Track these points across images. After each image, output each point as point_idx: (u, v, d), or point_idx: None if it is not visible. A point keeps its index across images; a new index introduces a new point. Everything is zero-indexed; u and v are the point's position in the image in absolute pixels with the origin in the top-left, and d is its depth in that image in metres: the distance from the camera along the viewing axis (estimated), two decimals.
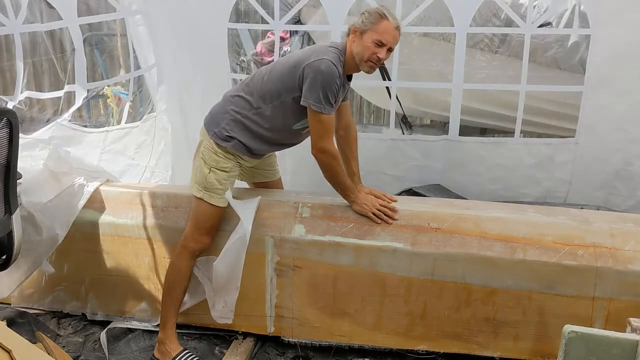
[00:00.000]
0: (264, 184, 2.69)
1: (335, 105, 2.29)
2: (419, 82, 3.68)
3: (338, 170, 2.32)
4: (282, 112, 2.29)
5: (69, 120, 3.09)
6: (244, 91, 2.35)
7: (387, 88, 3.89)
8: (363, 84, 3.95)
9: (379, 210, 2.37)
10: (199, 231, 2.37)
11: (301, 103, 2.22)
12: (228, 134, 2.33)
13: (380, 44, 2.20)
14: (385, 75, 3.76)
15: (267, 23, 3.41)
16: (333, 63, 2.19)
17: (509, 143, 3.38)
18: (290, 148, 2.58)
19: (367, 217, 2.37)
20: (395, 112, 3.70)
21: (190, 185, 2.41)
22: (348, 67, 2.29)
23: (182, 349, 2.37)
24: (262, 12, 3.39)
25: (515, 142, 3.36)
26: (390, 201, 2.44)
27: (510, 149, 3.36)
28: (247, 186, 2.73)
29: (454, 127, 3.35)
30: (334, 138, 2.45)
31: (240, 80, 2.55)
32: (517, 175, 3.39)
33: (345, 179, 2.37)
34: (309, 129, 2.29)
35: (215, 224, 2.39)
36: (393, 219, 2.36)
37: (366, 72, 2.32)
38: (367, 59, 2.23)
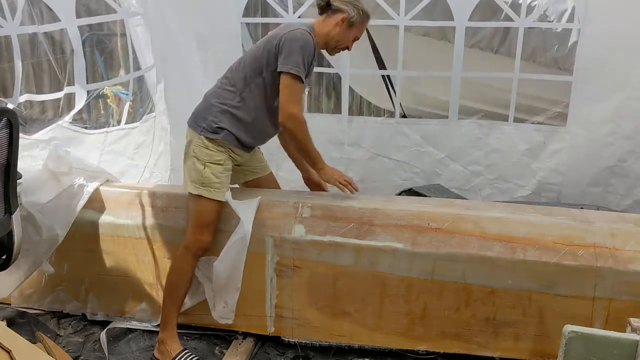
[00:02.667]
0: (257, 181, 2.70)
1: (306, 80, 2.37)
2: (419, 72, 3.75)
3: (306, 138, 2.39)
4: (263, 91, 2.36)
5: (70, 123, 3.09)
6: (224, 83, 2.42)
7: (385, 83, 3.91)
8: (360, 72, 4.00)
9: (345, 181, 2.47)
10: (199, 230, 2.36)
11: (278, 69, 2.29)
12: (217, 126, 2.36)
13: (355, 39, 2.47)
14: (380, 63, 3.81)
15: (281, 17, 3.47)
16: (308, 32, 2.33)
17: (503, 126, 3.52)
18: None
19: (334, 185, 2.47)
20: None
21: (186, 186, 2.40)
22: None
23: (182, 348, 2.37)
24: (275, 6, 3.44)
25: (508, 126, 3.50)
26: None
27: (504, 133, 3.50)
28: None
29: (454, 110, 3.47)
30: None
31: None
32: (512, 162, 3.50)
33: (313, 147, 2.44)
34: (280, 99, 2.34)
35: (214, 221, 2.38)
36: (356, 191, 2.49)
37: (330, 54, 2.55)
38: (341, 47, 2.46)
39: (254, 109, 2.38)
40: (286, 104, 2.30)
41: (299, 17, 3.53)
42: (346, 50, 2.51)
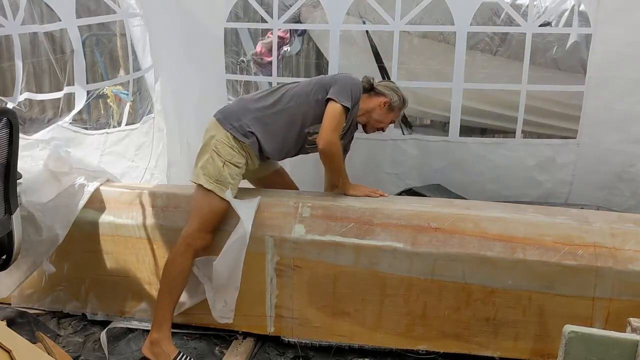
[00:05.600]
0: (271, 175, 2.76)
1: (347, 118, 2.48)
2: (419, 82, 3.68)
3: (341, 163, 2.53)
4: (303, 110, 2.47)
5: (70, 123, 3.09)
6: (266, 95, 2.53)
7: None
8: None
9: (372, 192, 2.58)
10: (205, 228, 2.37)
11: (328, 96, 2.42)
12: (249, 130, 2.43)
13: (391, 122, 2.73)
14: (385, 75, 3.77)
15: (266, 23, 3.42)
16: (359, 80, 2.56)
17: (510, 144, 3.38)
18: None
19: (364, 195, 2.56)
20: None
21: (196, 177, 2.39)
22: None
23: (178, 351, 2.34)
24: (261, 11, 3.40)
25: (516, 143, 3.36)
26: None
27: (511, 150, 3.37)
28: (248, 186, 2.74)
29: (454, 127, 3.35)
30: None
31: (236, 81, 2.66)
32: (518, 176, 3.39)
33: (344, 169, 2.57)
34: (318, 133, 2.42)
35: (220, 220, 2.39)
36: (384, 195, 2.59)
37: (365, 131, 2.71)
38: (378, 127, 2.66)
39: (287, 125, 2.48)
40: (329, 131, 2.40)
41: (294, 22, 3.50)
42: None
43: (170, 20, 3.42)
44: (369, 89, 2.61)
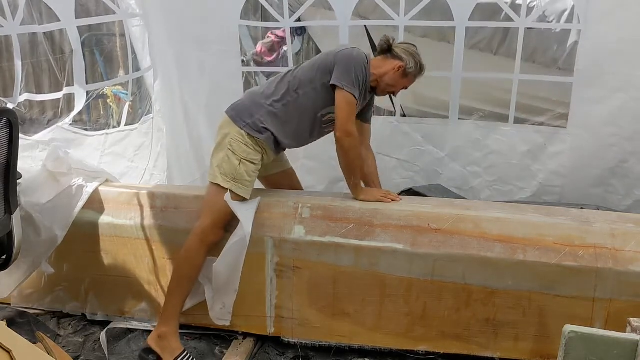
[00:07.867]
0: (278, 175, 2.74)
1: (359, 99, 2.39)
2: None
3: (358, 157, 2.45)
4: (312, 98, 2.41)
5: (70, 124, 3.09)
6: (275, 87, 2.46)
7: None
8: None
9: (384, 196, 2.52)
10: (218, 224, 2.37)
11: (331, 82, 2.34)
12: (263, 126, 2.40)
13: (404, 88, 2.57)
14: None
15: (269, 21, 3.45)
16: (365, 55, 2.41)
17: (503, 127, 3.48)
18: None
19: (376, 201, 2.49)
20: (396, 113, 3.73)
21: (213, 177, 2.39)
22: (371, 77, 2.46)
23: (183, 349, 2.35)
24: (271, 10, 3.42)
25: (508, 127, 3.46)
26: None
27: (504, 134, 3.46)
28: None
29: (454, 110, 3.44)
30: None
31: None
32: (512, 164, 3.47)
33: (358, 169, 2.51)
34: (334, 116, 2.38)
35: (233, 217, 2.38)
36: (396, 200, 2.52)
37: (376, 95, 2.59)
38: (389, 92, 2.56)
39: (299, 115, 2.44)
40: (344, 121, 2.34)
41: (295, 21, 3.52)
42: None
43: (179, 20, 3.43)
44: (387, 50, 2.53)
